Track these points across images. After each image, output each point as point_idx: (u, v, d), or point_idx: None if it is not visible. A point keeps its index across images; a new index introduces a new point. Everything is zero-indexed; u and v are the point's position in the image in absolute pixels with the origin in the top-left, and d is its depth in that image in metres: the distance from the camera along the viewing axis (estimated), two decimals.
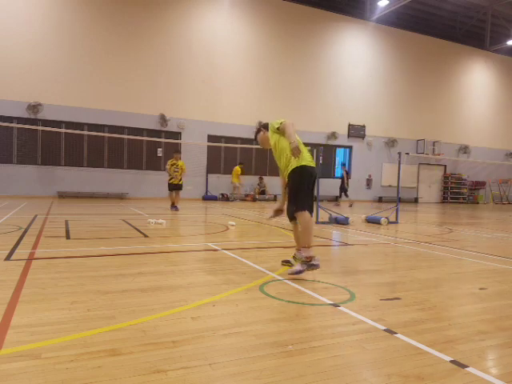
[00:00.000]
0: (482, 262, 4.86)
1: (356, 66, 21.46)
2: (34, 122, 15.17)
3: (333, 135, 20.78)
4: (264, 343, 2.22)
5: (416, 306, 2.97)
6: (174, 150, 12.66)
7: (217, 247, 5.27)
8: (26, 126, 13.71)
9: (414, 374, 1.91)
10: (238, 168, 17.68)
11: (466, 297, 3.32)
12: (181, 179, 11.70)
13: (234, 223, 7.97)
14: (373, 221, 9.12)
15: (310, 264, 3.66)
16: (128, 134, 16.20)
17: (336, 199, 17.77)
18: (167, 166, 11.68)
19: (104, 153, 16.59)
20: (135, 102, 16.74)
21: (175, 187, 11.63)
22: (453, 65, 24.15)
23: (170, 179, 11.61)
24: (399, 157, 9.89)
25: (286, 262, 4.09)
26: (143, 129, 17.04)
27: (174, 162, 11.66)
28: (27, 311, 2.60)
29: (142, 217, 9.16)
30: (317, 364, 1.98)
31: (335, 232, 7.51)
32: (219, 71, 18.32)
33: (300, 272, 3.65)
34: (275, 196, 19.14)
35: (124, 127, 16.70)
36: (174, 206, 11.46)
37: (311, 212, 3.76)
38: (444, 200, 24.32)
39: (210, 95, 18.01)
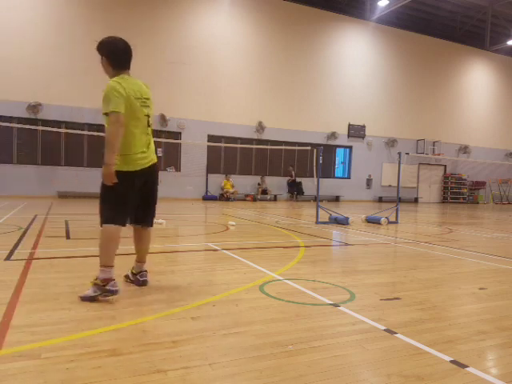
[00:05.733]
0: (482, 261, 4.86)
1: (356, 66, 21.46)
2: (34, 122, 15.16)
3: (333, 135, 20.78)
4: (264, 343, 2.22)
5: (416, 305, 2.97)
6: None
7: (217, 247, 5.27)
8: (26, 126, 13.71)
9: (414, 373, 1.91)
10: (225, 182, 18.07)
11: (465, 297, 3.32)
12: None
13: (234, 223, 7.97)
14: (373, 221, 9.12)
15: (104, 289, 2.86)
16: None
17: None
18: None
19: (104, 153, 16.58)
20: None
21: None
22: (453, 65, 24.15)
23: None
24: (399, 157, 9.89)
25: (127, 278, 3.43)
26: None
27: None
28: (27, 311, 2.60)
29: None
30: (317, 364, 1.98)
31: (335, 232, 7.51)
32: (219, 71, 18.31)
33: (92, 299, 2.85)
34: (275, 196, 19.16)
35: None
36: None
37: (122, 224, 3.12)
38: (444, 200, 24.32)
39: (209, 95, 18.00)
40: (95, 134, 14.67)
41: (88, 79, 15.88)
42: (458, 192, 24.48)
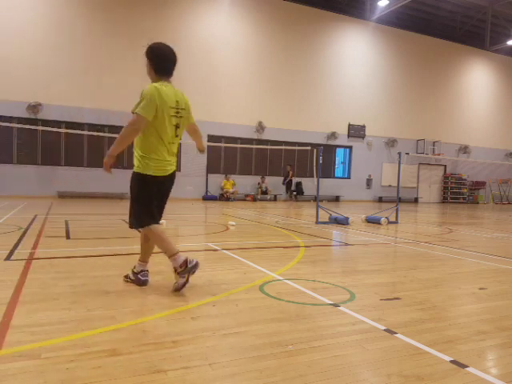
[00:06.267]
0: (482, 261, 4.86)
1: (356, 66, 21.46)
2: (34, 122, 15.16)
3: (333, 135, 20.78)
4: (264, 343, 2.22)
5: (416, 305, 2.97)
6: None
7: (217, 247, 5.27)
8: (26, 126, 13.70)
9: (414, 373, 1.91)
10: (225, 181, 18.10)
11: (465, 297, 3.32)
12: None
13: (234, 223, 7.97)
14: (373, 221, 9.12)
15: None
16: None
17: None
18: None
19: (104, 153, 16.48)
20: (135, 102, 16.66)
21: None
22: (453, 65, 24.16)
23: None
24: (399, 157, 9.89)
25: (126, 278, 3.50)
26: None
27: None
28: (27, 311, 2.60)
29: None
30: (317, 364, 1.98)
31: (335, 232, 7.51)
32: (219, 71, 18.31)
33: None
34: (275, 196, 19.16)
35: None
36: None
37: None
38: (444, 200, 24.32)
39: (209, 95, 18.00)
40: (95, 134, 14.66)
41: (88, 79, 15.90)
42: (458, 192, 24.49)
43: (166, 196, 3.35)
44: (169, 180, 3.26)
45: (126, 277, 3.42)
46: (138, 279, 3.32)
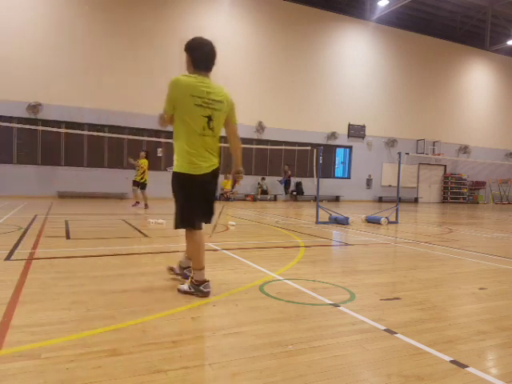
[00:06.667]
0: (482, 261, 4.86)
1: (356, 66, 21.46)
2: (34, 122, 15.16)
3: (333, 135, 20.78)
4: (264, 343, 2.22)
5: (416, 305, 2.97)
6: (143, 150, 12.49)
7: (217, 247, 5.27)
8: (26, 126, 13.70)
9: (414, 373, 1.91)
10: (225, 181, 18.20)
11: (465, 297, 3.32)
12: (142, 177, 11.78)
13: (234, 223, 7.97)
14: (373, 221, 9.12)
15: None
16: (128, 134, 16.19)
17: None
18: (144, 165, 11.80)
19: (104, 153, 16.59)
20: (135, 101, 16.72)
21: (141, 186, 11.83)
22: (453, 65, 24.15)
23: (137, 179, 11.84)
24: (399, 157, 9.89)
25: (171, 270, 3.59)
26: (143, 129, 17.03)
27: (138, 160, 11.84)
28: (27, 311, 2.60)
29: (141, 217, 9.16)
30: (317, 364, 1.98)
31: (335, 232, 7.51)
32: (219, 71, 18.20)
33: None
34: (275, 196, 19.15)
35: (124, 127, 16.69)
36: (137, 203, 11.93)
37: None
38: (444, 200, 24.32)
39: None
40: (95, 134, 14.67)
41: (88, 79, 15.89)
42: (458, 192, 24.49)
43: (208, 197, 3.16)
44: (208, 179, 3.09)
45: (172, 269, 3.46)
46: (184, 274, 3.36)
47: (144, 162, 11.74)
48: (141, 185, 11.76)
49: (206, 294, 3.04)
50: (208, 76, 3.20)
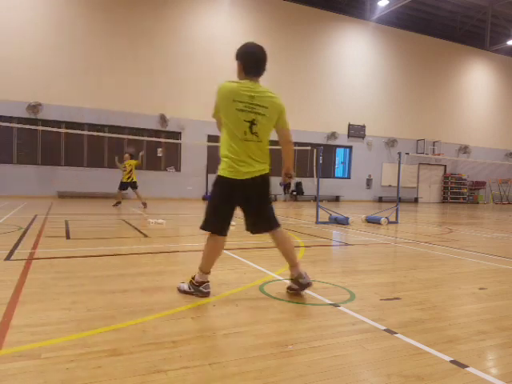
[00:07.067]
0: (482, 261, 4.86)
1: (356, 66, 21.46)
2: (34, 122, 15.17)
3: (333, 135, 20.78)
4: (264, 343, 2.21)
5: (416, 305, 2.97)
6: (127, 152, 12.62)
7: None
8: (26, 126, 13.71)
9: (414, 373, 1.91)
10: None
11: (465, 297, 3.32)
12: (129, 177, 11.85)
13: (234, 223, 7.95)
14: (373, 221, 9.12)
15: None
16: (128, 134, 16.20)
17: None
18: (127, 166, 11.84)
19: (104, 153, 16.59)
20: (135, 101, 16.74)
21: (131, 186, 11.95)
22: (453, 65, 24.16)
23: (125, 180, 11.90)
24: (399, 157, 9.89)
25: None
26: (143, 129, 17.04)
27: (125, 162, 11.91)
28: (27, 311, 2.60)
29: (141, 217, 9.16)
30: (317, 364, 1.98)
31: (335, 232, 7.51)
32: (219, 71, 18.29)
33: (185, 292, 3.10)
34: (275, 196, 19.15)
35: (124, 127, 16.70)
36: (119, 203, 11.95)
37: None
38: (444, 200, 24.32)
39: (210, 95, 17.83)
40: (95, 134, 14.67)
41: (88, 79, 15.90)
42: (458, 192, 24.49)
43: (253, 204, 3.06)
44: (247, 185, 2.96)
45: (290, 288, 3.17)
46: (300, 284, 3.08)
47: (132, 163, 11.85)
48: (131, 185, 11.86)
49: (205, 295, 3.03)
50: (257, 81, 3.19)
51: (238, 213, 3.22)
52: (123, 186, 11.94)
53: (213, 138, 18.17)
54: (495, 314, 2.86)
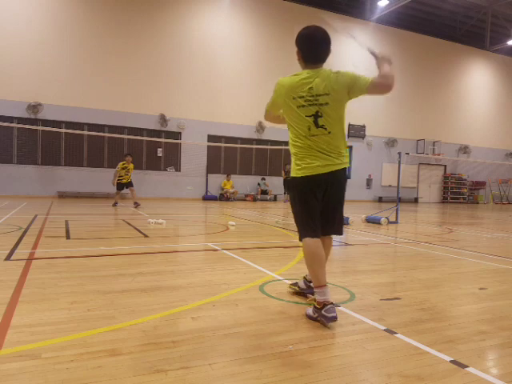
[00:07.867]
0: (482, 261, 4.86)
1: (356, 66, 21.32)
2: (34, 122, 15.17)
3: None
4: (264, 343, 2.21)
5: (416, 305, 2.97)
6: (126, 154, 13.12)
7: (217, 247, 5.27)
8: (26, 126, 13.71)
9: (414, 373, 1.91)
10: (225, 181, 18.19)
11: (466, 297, 3.32)
12: (128, 178, 12.33)
13: (234, 223, 7.97)
14: (373, 221, 9.12)
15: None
16: (128, 134, 16.21)
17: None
18: (117, 169, 12.14)
19: (104, 153, 16.60)
20: (135, 101, 16.74)
21: (127, 185, 12.25)
22: (453, 65, 24.15)
23: (118, 179, 12.15)
24: (399, 157, 9.88)
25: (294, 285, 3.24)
26: (143, 129, 17.04)
27: (126, 165, 12.18)
28: (27, 311, 2.60)
29: (141, 217, 9.16)
30: (317, 364, 1.98)
31: None
32: (219, 71, 18.32)
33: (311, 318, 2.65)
34: (275, 196, 19.15)
35: (124, 127, 16.70)
36: (116, 203, 12.19)
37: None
38: (444, 200, 24.32)
39: (209, 95, 18.00)
40: (95, 134, 14.67)
41: (88, 79, 15.90)
42: (458, 192, 24.49)
43: (326, 201, 2.76)
44: (326, 180, 2.70)
45: (295, 285, 3.14)
46: (310, 287, 2.91)
47: (131, 167, 12.32)
48: (127, 184, 12.20)
49: (328, 320, 2.46)
50: (319, 67, 2.91)
51: (238, 213, 3.20)
52: (120, 186, 12.26)
53: (213, 138, 18.19)
54: (495, 314, 2.86)
